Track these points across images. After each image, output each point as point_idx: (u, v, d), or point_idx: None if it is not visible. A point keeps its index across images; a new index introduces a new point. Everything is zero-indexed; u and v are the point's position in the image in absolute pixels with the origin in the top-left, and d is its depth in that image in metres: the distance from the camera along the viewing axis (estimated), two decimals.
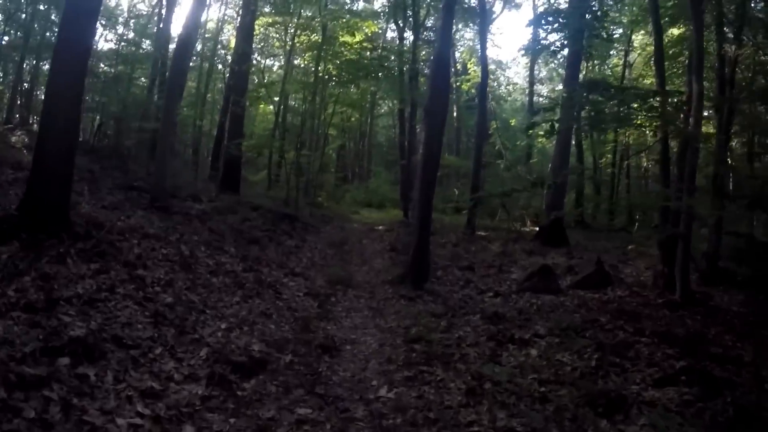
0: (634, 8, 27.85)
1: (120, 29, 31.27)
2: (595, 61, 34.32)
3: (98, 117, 24.36)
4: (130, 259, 9.87)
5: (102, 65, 26.72)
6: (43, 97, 15.30)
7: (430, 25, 31.45)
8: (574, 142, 30.72)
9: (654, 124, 14.47)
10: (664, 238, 13.24)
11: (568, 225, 24.29)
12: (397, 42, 33.56)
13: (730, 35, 15.64)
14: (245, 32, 24.39)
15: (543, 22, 15.86)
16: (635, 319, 10.35)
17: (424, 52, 32.36)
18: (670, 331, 9.55)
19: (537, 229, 25.49)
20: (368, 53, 25.17)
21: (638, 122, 14.08)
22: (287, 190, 24.18)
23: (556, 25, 15.99)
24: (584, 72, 31.39)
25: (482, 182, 25.91)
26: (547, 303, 12.01)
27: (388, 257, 17.17)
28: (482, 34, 25.61)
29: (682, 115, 12.98)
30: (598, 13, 15.35)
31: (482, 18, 26.18)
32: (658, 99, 12.99)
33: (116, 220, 11.79)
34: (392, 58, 28.26)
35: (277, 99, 26.60)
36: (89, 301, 7.63)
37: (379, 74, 27.82)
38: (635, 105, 13.01)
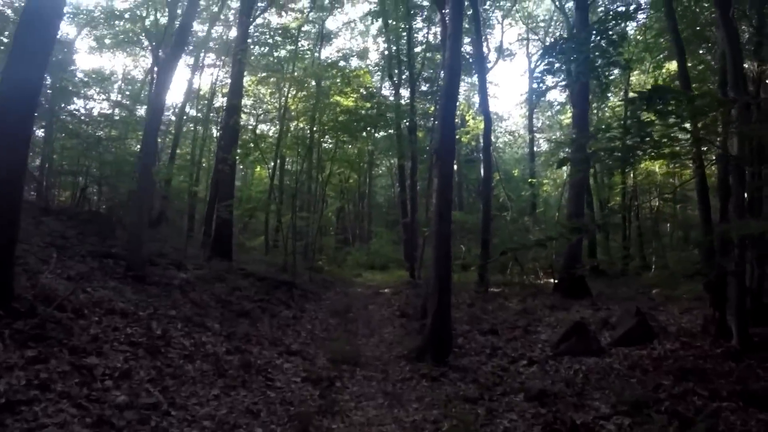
0: (641, 37, 25.87)
1: (114, 95, 30.05)
2: (593, 105, 32.45)
3: (81, 180, 22.28)
4: (80, 344, 7.78)
5: (85, 127, 25.02)
6: None
7: (426, 76, 29.56)
8: None
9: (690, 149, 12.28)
10: (711, 278, 11.32)
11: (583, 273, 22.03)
12: (393, 96, 31.66)
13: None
14: (234, 85, 22.49)
15: (553, 52, 13.60)
16: (703, 378, 8.68)
17: (421, 106, 30.47)
18: (748, 388, 7.94)
19: (552, 281, 23.89)
20: (363, 110, 23.11)
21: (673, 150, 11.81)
22: (285, 255, 21.81)
23: (561, 56, 13.78)
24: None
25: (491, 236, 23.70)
26: (593, 368, 10.08)
27: (399, 325, 14.81)
28: (482, 81, 23.67)
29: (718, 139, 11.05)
30: (614, 37, 13.17)
31: (481, 65, 24.32)
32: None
33: (75, 293, 9.58)
34: (388, 114, 26.19)
35: (271, 163, 24.52)
36: (9, 404, 5.78)
37: (376, 128, 25.73)
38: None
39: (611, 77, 20.62)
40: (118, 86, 33.02)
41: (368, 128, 23.93)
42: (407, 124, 28.11)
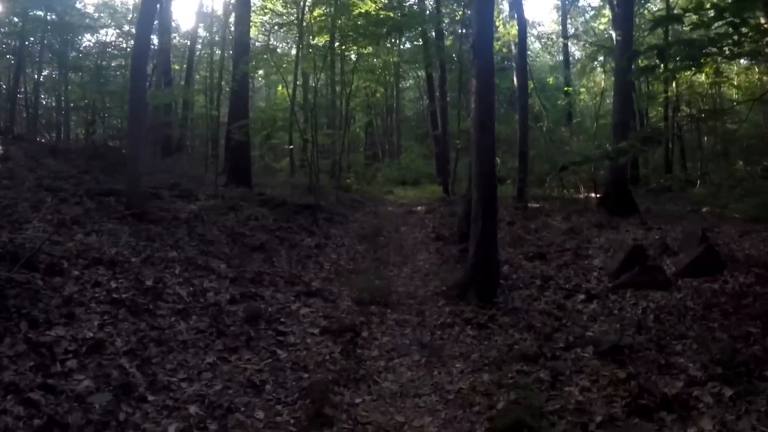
0: None
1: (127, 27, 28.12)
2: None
3: (88, 115, 20.66)
4: (46, 311, 6.04)
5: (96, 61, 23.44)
6: None
7: None
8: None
9: None
10: None
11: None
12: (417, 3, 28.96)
13: None
14: None
15: None
16: None
17: (448, 11, 27.83)
18: None
19: (594, 195, 22.09)
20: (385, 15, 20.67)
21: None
22: (310, 176, 19.98)
23: None
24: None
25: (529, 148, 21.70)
26: (664, 306, 8.31)
27: (435, 250, 12.99)
28: None
29: None
30: None
31: None
32: None
33: (49, 240, 7.87)
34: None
35: (290, 77, 22.38)
36: None
37: (401, 34, 23.32)
38: None
39: None
40: (132, 17, 31.25)
41: (392, 34, 21.49)
42: (434, 30, 25.58)
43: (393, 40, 33.03)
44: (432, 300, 9.03)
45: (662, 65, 10.05)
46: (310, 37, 21.77)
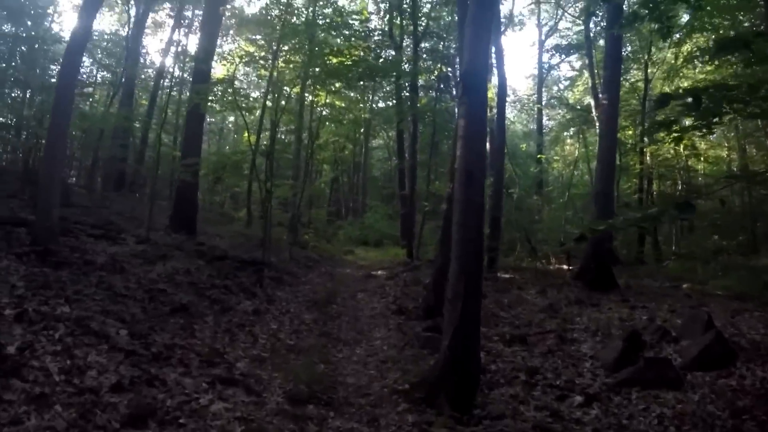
0: None
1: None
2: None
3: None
4: None
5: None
6: None
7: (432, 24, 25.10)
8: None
9: None
10: None
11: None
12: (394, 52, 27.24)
13: None
14: (210, 25, 17.98)
15: None
16: None
17: (425, 65, 26.14)
18: None
19: (566, 267, 20.96)
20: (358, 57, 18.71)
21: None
22: (264, 228, 17.66)
23: None
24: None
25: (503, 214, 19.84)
26: (681, 413, 6.54)
27: (395, 326, 10.66)
28: (496, 38, 19.46)
29: None
30: None
31: (493, 18, 20.02)
32: None
33: None
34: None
35: (250, 116, 20.14)
36: None
37: (374, 78, 21.38)
38: None
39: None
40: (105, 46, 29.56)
41: (365, 79, 19.53)
42: (408, 84, 23.77)
43: (365, 91, 31.42)
44: (390, 402, 6.66)
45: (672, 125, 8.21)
46: (281, 85, 19.78)
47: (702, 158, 28.68)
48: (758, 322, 10.27)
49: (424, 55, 25.73)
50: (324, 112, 27.41)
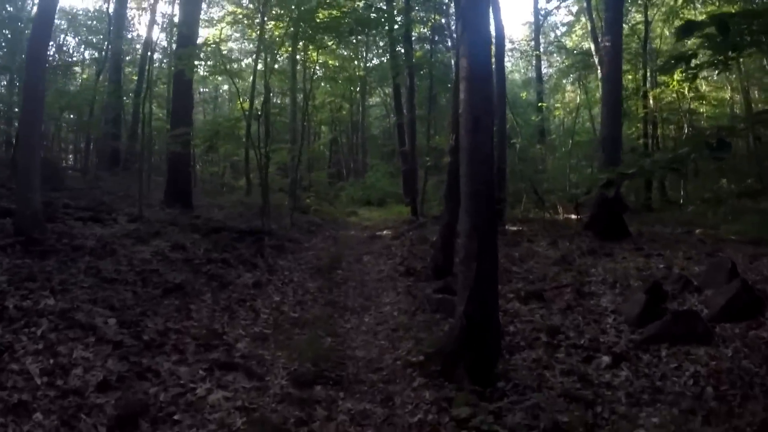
0: None
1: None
2: None
3: None
4: None
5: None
6: None
7: None
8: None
9: None
10: None
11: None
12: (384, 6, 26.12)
13: None
14: None
15: None
16: None
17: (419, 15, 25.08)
18: None
19: (574, 217, 20.15)
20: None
21: None
22: (262, 196, 16.97)
23: None
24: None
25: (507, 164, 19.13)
26: (716, 370, 6.03)
27: (405, 289, 10.05)
28: None
29: None
30: None
31: None
32: None
33: None
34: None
35: (240, 81, 19.29)
36: None
37: (367, 29, 20.42)
38: None
39: None
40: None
41: (356, 31, 18.60)
42: (402, 36, 22.75)
43: (358, 48, 30.45)
44: (404, 377, 6.07)
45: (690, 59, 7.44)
46: (270, 45, 18.91)
47: (704, 101, 27.76)
48: None
49: (416, 7, 24.57)
50: (318, 72, 26.57)
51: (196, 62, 14.11)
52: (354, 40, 25.50)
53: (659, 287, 8.40)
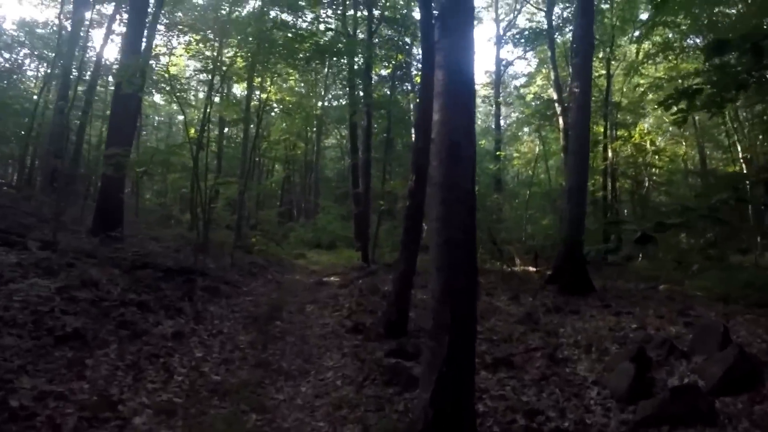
0: None
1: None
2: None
3: None
4: None
5: None
6: None
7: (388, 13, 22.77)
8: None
9: None
10: None
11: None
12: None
13: None
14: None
15: None
16: None
17: (380, 53, 23.86)
18: None
19: (531, 269, 19.86)
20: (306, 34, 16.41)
21: None
22: (198, 230, 15.26)
23: None
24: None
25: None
26: None
27: (351, 350, 8.47)
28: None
29: None
30: None
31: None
32: None
33: None
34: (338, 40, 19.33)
35: (183, 108, 17.69)
36: None
37: (324, 58, 19.07)
38: None
39: None
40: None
41: (315, 57, 17.23)
42: (363, 64, 21.42)
43: (316, 85, 29.24)
44: None
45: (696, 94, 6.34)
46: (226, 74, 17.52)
47: (661, 155, 27.53)
48: (756, 327, 9.00)
49: (377, 41, 23.38)
50: (274, 106, 25.28)
51: (137, 79, 12.50)
52: (312, 72, 24.19)
53: (644, 353, 7.30)
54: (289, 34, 14.52)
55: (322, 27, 19.11)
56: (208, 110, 16.19)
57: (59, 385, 5.54)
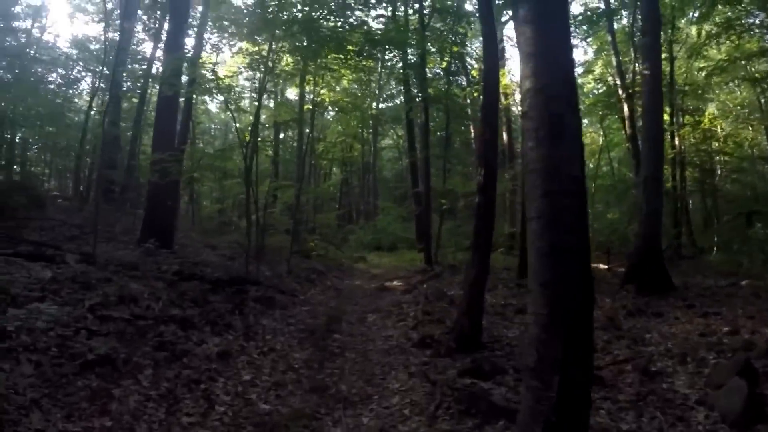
0: None
1: None
2: None
3: None
4: None
5: None
6: None
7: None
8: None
9: None
10: None
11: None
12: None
13: None
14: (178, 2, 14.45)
15: None
16: None
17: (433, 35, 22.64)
18: None
19: (605, 266, 18.59)
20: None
21: None
22: (247, 238, 14.30)
23: None
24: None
25: None
26: None
27: (419, 368, 7.28)
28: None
29: None
30: None
31: None
32: None
33: None
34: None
35: (232, 106, 16.84)
36: None
37: (373, 50, 17.97)
38: None
39: None
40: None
41: (367, 48, 16.16)
42: (418, 56, 20.24)
43: (370, 80, 28.31)
44: None
45: None
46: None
47: (729, 140, 25.78)
48: None
49: (431, 42, 22.24)
50: (329, 108, 24.52)
51: (176, 80, 11.69)
52: (365, 71, 23.17)
53: (750, 365, 6.08)
54: (338, 24, 13.50)
55: (373, 14, 18.07)
56: (258, 111, 15.34)
57: (77, 423, 4.63)
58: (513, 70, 24.57)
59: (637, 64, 21.09)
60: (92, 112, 22.53)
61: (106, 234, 14.16)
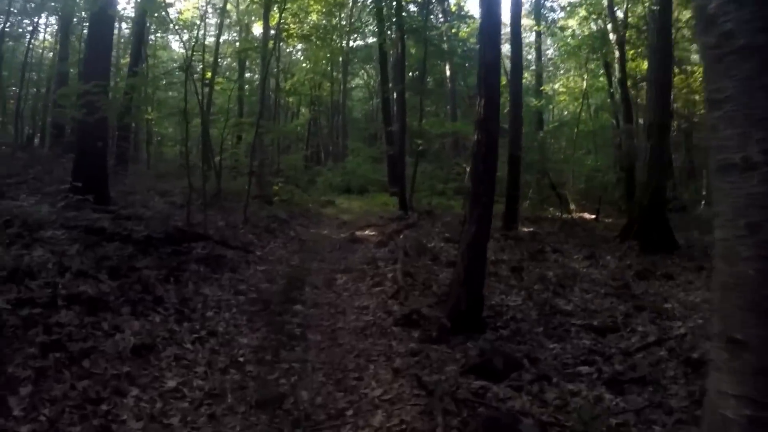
0: None
1: None
2: None
3: None
4: None
5: None
6: None
7: None
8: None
9: None
10: None
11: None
12: None
13: None
14: None
15: None
16: None
17: None
18: None
19: (589, 216, 17.81)
20: None
21: None
22: (205, 182, 12.27)
23: None
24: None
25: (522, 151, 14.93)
26: None
27: (407, 359, 5.38)
28: None
29: None
30: None
31: None
32: None
33: None
34: None
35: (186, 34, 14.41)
36: None
37: None
38: None
39: None
40: None
41: None
42: None
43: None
44: None
45: None
46: None
47: None
48: None
49: None
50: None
51: None
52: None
53: None
54: None
55: None
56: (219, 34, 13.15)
57: None
58: None
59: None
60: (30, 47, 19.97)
61: (36, 184, 12.08)
